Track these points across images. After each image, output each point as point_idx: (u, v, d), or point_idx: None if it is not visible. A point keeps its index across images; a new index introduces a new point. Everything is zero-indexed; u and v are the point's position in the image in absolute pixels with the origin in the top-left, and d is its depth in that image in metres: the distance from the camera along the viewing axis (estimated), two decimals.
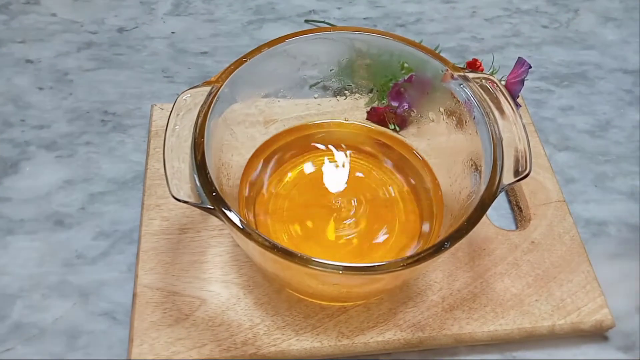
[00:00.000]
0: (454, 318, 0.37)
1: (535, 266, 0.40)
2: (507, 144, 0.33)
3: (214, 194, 0.30)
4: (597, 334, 0.39)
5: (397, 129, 0.45)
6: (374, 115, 0.45)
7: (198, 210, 0.41)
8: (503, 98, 0.35)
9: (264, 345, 0.35)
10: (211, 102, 0.34)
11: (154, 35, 0.56)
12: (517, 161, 0.33)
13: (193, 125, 0.32)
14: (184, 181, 0.31)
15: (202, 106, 0.33)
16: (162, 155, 0.32)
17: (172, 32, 0.56)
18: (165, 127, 0.32)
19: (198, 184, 0.31)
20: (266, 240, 0.30)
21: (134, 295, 0.37)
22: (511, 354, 0.38)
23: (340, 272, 0.29)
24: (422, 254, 0.30)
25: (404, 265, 0.30)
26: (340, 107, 0.47)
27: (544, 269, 0.40)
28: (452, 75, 0.37)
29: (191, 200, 0.30)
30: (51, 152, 0.46)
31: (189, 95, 0.33)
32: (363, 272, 0.30)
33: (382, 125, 0.45)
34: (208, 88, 0.34)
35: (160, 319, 0.36)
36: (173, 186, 0.31)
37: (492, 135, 0.34)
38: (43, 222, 0.42)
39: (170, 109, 0.33)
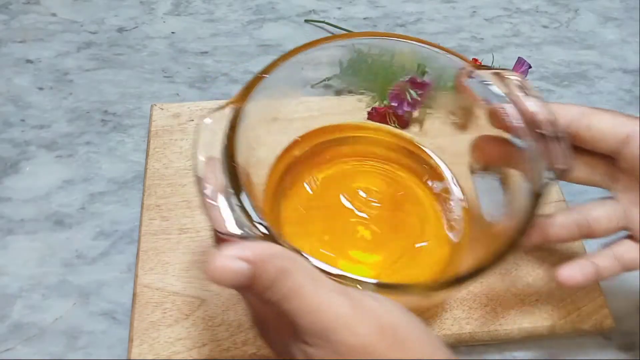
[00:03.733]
0: (454, 318, 0.37)
1: (535, 266, 0.40)
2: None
3: (263, 231, 0.28)
4: (597, 334, 0.39)
5: (398, 128, 0.45)
6: (375, 116, 0.45)
7: (197, 210, 0.41)
8: (530, 96, 0.33)
9: (264, 345, 0.35)
10: (235, 125, 0.31)
11: (153, 35, 0.56)
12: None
13: (224, 154, 0.30)
14: (226, 214, 0.28)
15: (229, 132, 0.31)
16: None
17: (172, 32, 0.56)
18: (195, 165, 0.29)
19: (244, 217, 0.28)
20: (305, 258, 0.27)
21: (134, 295, 0.37)
22: (511, 354, 0.38)
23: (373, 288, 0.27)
24: (465, 276, 0.28)
25: (442, 286, 0.28)
26: (342, 108, 0.47)
27: (544, 268, 0.40)
28: (471, 73, 0.35)
29: (242, 233, 0.27)
30: (51, 152, 0.46)
31: (210, 120, 0.31)
32: (397, 291, 0.28)
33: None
34: (228, 110, 0.31)
35: (160, 318, 0.36)
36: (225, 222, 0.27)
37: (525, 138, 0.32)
38: (43, 222, 0.42)
39: (194, 142, 0.30)
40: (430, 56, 0.38)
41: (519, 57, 0.47)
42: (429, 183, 0.41)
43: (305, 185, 0.40)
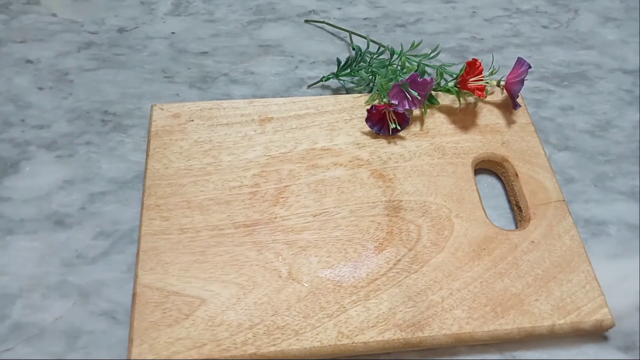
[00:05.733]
0: (454, 318, 0.37)
1: (535, 266, 0.40)
2: None
3: None
4: (597, 334, 0.39)
5: (399, 127, 0.45)
6: (375, 114, 0.45)
7: (197, 210, 0.41)
8: None
9: (263, 345, 0.35)
10: None
11: (154, 35, 0.56)
12: None
13: None
14: None
15: None
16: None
17: (172, 32, 0.56)
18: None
19: None
20: None
21: (134, 295, 0.37)
22: (511, 354, 0.38)
23: None
24: None
25: None
26: (339, 106, 0.47)
27: (543, 268, 0.40)
28: None
29: None
30: (51, 152, 0.46)
31: None
32: None
33: (383, 124, 0.45)
34: None
35: (160, 318, 0.36)
36: None
37: None
38: (43, 222, 0.42)
39: None
40: None
41: (518, 58, 0.47)
42: None
43: None
